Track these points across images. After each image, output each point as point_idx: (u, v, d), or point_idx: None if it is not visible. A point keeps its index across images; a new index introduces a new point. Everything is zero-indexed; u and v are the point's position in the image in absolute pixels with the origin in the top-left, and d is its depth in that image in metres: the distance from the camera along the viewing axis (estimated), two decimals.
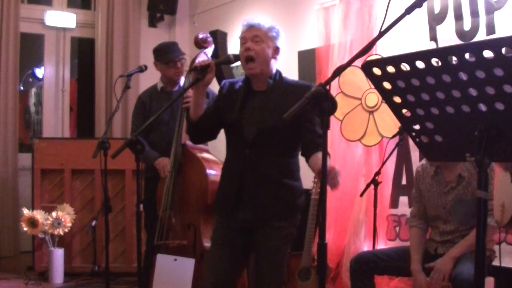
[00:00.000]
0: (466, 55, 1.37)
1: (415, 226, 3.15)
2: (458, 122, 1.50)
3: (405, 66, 1.48)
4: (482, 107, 1.43)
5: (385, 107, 3.69)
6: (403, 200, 3.97)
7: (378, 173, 3.58)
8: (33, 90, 7.08)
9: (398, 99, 1.58)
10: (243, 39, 2.69)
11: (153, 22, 6.59)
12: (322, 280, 1.80)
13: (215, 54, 3.86)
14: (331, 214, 4.19)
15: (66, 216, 4.82)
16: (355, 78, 3.96)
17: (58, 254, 4.86)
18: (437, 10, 3.70)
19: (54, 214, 4.79)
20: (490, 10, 3.39)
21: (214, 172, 3.35)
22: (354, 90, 4.01)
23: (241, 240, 2.72)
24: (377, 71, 1.55)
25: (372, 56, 3.68)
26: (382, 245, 3.89)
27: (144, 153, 2.86)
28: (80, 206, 5.14)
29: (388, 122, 3.77)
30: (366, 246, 4.01)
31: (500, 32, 3.34)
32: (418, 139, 1.65)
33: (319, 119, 2.41)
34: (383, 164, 3.63)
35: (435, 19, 3.71)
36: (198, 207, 3.38)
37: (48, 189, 5.17)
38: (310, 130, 2.64)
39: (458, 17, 3.57)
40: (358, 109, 4.00)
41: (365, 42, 2.54)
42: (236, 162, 2.73)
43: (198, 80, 2.67)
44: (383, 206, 3.95)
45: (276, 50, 2.70)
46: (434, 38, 3.73)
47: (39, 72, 6.69)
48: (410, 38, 3.80)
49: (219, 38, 5.30)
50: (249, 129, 2.67)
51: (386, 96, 1.61)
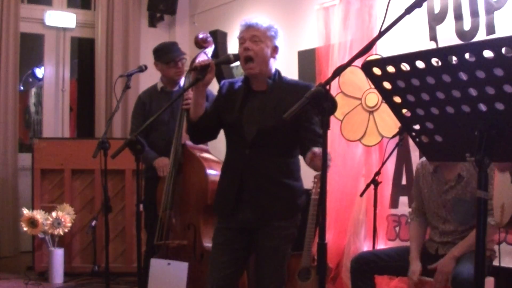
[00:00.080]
0: (466, 55, 1.37)
1: (415, 220, 3.22)
2: (458, 122, 1.50)
3: (405, 66, 1.48)
4: (482, 107, 1.43)
5: (385, 107, 3.69)
6: (403, 200, 3.97)
7: (378, 173, 3.58)
8: (33, 90, 7.08)
9: (398, 99, 1.58)
10: (242, 39, 2.69)
11: (153, 22, 6.59)
12: (322, 280, 1.79)
13: (215, 54, 3.86)
14: (331, 214, 4.19)
15: (66, 216, 4.82)
16: (355, 78, 3.96)
17: (58, 254, 4.86)
18: (437, 10, 3.70)
19: (54, 214, 4.79)
20: (490, 10, 3.39)
21: (214, 172, 3.34)
22: (354, 90, 4.02)
23: (242, 240, 2.72)
24: (377, 71, 1.55)
25: (372, 56, 3.69)
26: (382, 245, 3.89)
27: (143, 153, 2.87)
28: (80, 206, 5.14)
29: (388, 122, 3.77)
30: (366, 246, 4.02)
31: (500, 32, 3.34)
32: (418, 139, 1.65)
33: (318, 119, 2.41)
34: (383, 164, 3.63)
35: (435, 19, 3.71)
36: (198, 207, 3.37)
37: (48, 189, 5.17)
38: (309, 130, 2.64)
39: (458, 17, 3.57)
40: (358, 109, 4.00)
41: (365, 42, 2.54)
42: (236, 162, 2.72)
43: (198, 80, 2.67)
44: (383, 206, 3.95)
45: (274, 49, 2.70)
46: (434, 38, 3.73)
47: (39, 72, 6.69)
48: (410, 38, 3.80)
49: (219, 38, 5.31)
50: (249, 129, 2.67)
51: (386, 96, 1.61)
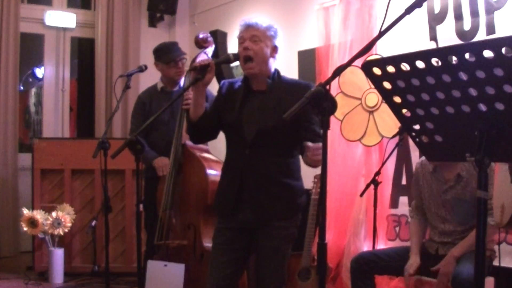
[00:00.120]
0: (466, 55, 1.37)
1: (415, 218, 3.24)
2: (458, 122, 1.50)
3: (405, 66, 1.48)
4: (482, 107, 1.43)
5: (385, 107, 3.69)
6: (403, 200, 3.97)
7: (378, 173, 3.58)
8: (33, 90, 7.07)
9: (398, 99, 1.58)
10: (241, 39, 2.69)
11: (153, 22, 6.59)
12: (322, 280, 1.79)
13: (215, 54, 3.86)
14: (331, 214, 4.19)
15: (66, 216, 4.82)
16: (355, 78, 3.96)
17: (58, 254, 4.86)
18: (437, 10, 3.70)
19: (54, 214, 4.78)
20: (490, 10, 3.39)
21: (214, 172, 3.34)
22: (354, 90, 4.02)
23: (242, 240, 2.72)
24: (377, 71, 1.55)
25: (372, 56, 3.69)
26: (382, 245, 3.89)
27: (143, 153, 2.87)
28: (80, 206, 5.14)
29: (388, 122, 3.77)
30: (366, 246, 4.01)
31: (500, 32, 3.34)
32: (418, 139, 1.65)
33: (318, 119, 2.40)
34: (383, 164, 3.63)
35: (435, 19, 3.71)
36: (198, 207, 3.37)
37: (48, 189, 5.17)
38: (309, 130, 2.64)
39: (458, 17, 3.57)
40: (358, 109, 4.00)
41: (365, 42, 2.54)
42: (236, 162, 2.72)
43: (198, 79, 2.66)
44: (383, 206, 3.95)
45: (274, 49, 2.70)
46: (434, 38, 3.73)
47: (39, 72, 6.69)
48: (410, 38, 3.80)
49: (219, 38, 5.31)
50: (249, 129, 2.67)
51: (386, 96, 1.61)
